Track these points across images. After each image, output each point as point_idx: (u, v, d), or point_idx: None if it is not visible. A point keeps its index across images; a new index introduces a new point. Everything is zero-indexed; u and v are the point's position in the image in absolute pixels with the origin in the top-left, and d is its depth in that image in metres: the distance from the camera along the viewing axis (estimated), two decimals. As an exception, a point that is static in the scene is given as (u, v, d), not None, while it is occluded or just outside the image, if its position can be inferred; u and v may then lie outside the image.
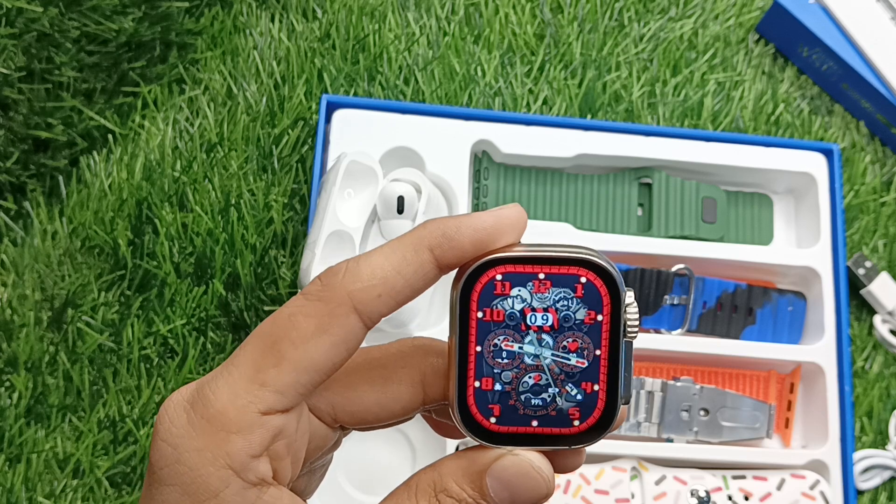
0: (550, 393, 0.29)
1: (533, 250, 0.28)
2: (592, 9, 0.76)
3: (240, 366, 0.27)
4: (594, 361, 0.29)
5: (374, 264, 0.28)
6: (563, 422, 0.29)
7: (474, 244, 0.28)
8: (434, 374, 0.30)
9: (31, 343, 0.64)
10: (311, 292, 0.28)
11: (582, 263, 0.28)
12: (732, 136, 0.70)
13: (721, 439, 0.64)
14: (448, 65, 0.72)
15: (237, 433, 0.27)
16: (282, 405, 0.27)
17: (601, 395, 0.29)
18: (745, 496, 0.62)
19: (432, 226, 0.28)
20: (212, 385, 0.27)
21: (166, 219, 0.67)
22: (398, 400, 0.30)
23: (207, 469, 0.27)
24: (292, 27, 0.73)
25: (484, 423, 0.29)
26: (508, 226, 0.28)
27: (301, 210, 0.68)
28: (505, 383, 0.29)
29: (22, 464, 0.62)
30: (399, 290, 0.28)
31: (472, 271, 0.28)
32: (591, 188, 0.68)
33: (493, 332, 0.28)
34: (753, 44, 0.78)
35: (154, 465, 0.28)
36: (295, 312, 0.27)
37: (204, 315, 0.65)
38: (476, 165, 0.67)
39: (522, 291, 0.28)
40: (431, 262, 0.28)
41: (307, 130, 0.69)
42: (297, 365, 0.27)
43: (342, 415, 0.30)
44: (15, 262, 0.67)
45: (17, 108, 0.66)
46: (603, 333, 0.28)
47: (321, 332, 0.27)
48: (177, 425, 0.27)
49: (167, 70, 0.72)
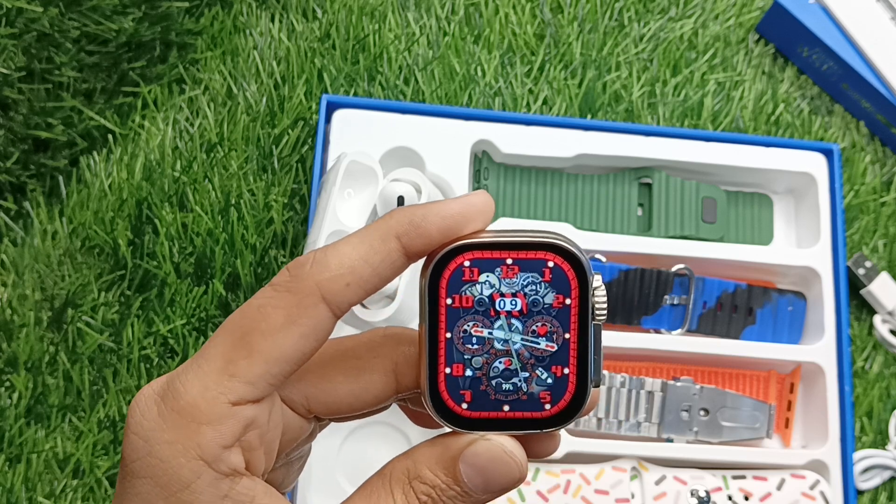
0: (521, 377, 0.29)
1: (500, 236, 0.28)
2: (592, 9, 0.76)
3: (210, 358, 0.28)
4: (563, 345, 0.29)
5: (342, 253, 0.28)
6: (534, 406, 0.29)
7: (441, 231, 0.28)
8: (406, 362, 0.31)
9: (31, 343, 0.64)
10: (280, 283, 0.28)
11: (549, 248, 0.28)
12: (732, 136, 0.70)
13: (721, 439, 0.64)
14: (448, 65, 0.72)
15: (208, 424, 0.27)
16: (252, 396, 0.27)
17: (571, 378, 0.29)
18: (745, 496, 0.62)
19: (399, 214, 0.28)
20: (182, 377, 0.28)
21: (166, 219, 0.67)
22: (371, 390, 0.31)
23: (179, 461, 0.27)
24: (292, 27, 0.73)
25: (456, 409, 0.29)
26: (475, 212, 0.28)
27: (301, 210, 0.68)
28: (475, 369, 0.29)
29: (22, 464, 0.62)
30: (367, 278, 0.28)
31: (440, 258, 0.28)
32: (591, 188, 0.68)
33: (463, 318, 0.29)
34: (753, 44, 0.78)
35: (126, 458, 0.28)
36: (264, 304, 0.28)
37: (204, 315, 0.65)
38: (476, 165, 0.67)
39: (491, 277, 0.28)
40: (399, 251, 0.28)
41: (307, 130, 0.69)
42: (268, 356, 0.27)
43: (316, 405, 0.30)
44: (15, 262, 0.67)
45: (17, 108, 0.66)
46: (572, 317, 0.29)
47: (290, 322, 0.27)
48: (147, 418, 0.27)
49: (167, 70, 0.72)
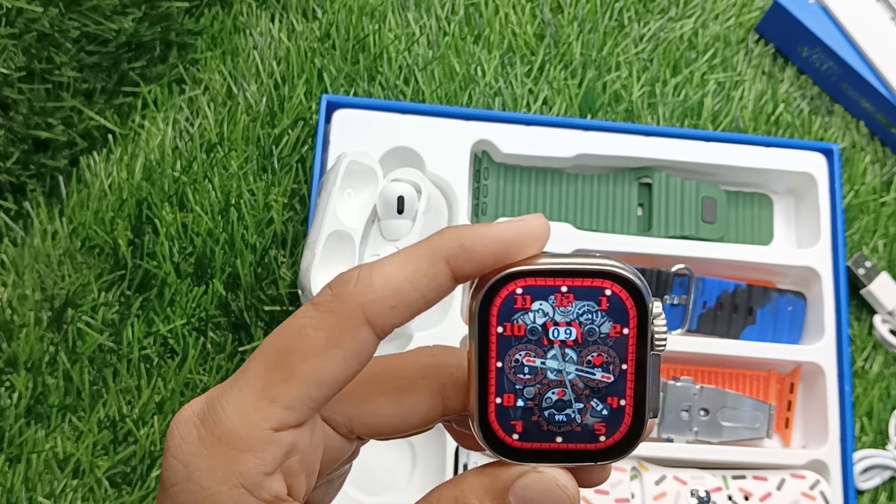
0: (575, 409, 0.28)
1: (555, 263, 0.27)
2: (592, 9, 0.76)
3: (249, 381, 0.27)
4: (620, 376, 0.28)
5: (388, 274, 0.26)
6: (588, 437, 0.28)
7: (493, 256, 0.27)
8: (454, 385, 0.30)
9: (31, 343, 0.64)
10: (321, 303, 0.27)
11: (606, 275, 0.27)
12: (732, 136, 0.70)
13: (721, 439, 0.64)
14: (448, 65, 0.72)
15: (248, 451, 0.26)
16: (293, 421, 0.27)
17: (628, 409, 0.28)
18: (745, 496, 0.62)
19: (449, 235, 0.27)
20: (221, 401, 0.27)
21: (166, 219, 0.67)
22: (416, 412, 0.30)
23: (219, 488, 0.26)
24: (292, 27, 0.73)
25: (506, 440, 0.28)
26: (530, 237, 0.27)
27: (301, 210, 0.68)
28: (527, 399, 0.28)
29: (22, 464, 0.62)
30: (412, 301, 0.27)
31: (492, 285, 0.27)
32: (591, 188, 0.68)
33: (514, 346, 0.27)
34: (753, 44, 0.78)
35: (165, 481, 0.27)
36: (304, 324, 0.27)
37: (204, 315, 0.65)
38: (476, 165, 0.67)
39: (544, 305, 0.27)
40: (447, 274, 0.27)
41: (307, 130, 0.69)
42: (308, 379, 0.26)
43: (359, 426, 0.30)
44: (15, 262, 0.67)
45: (17, 108, 0.66)
46: (629, 347, 0.27)
47: (332, 345, 0.26)
48: (187, 442, 0.27)
49: (167, 70, 0.72)
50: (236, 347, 0.65)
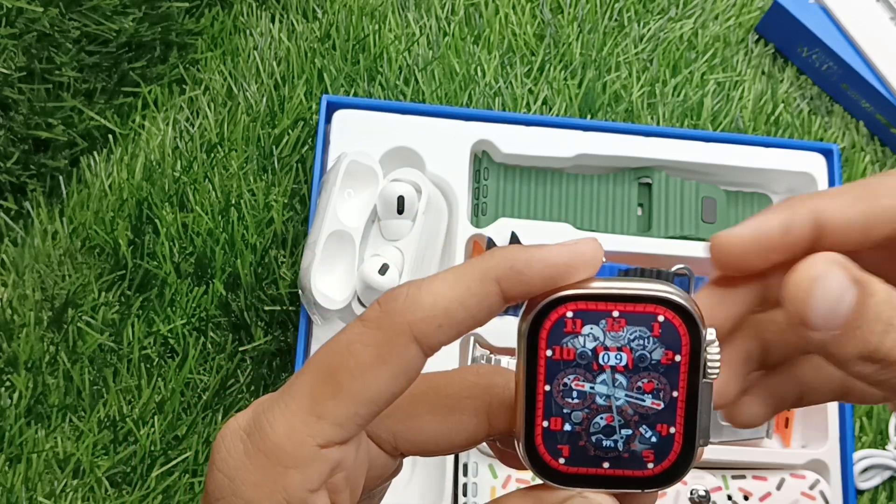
0: (623, 435, 0.28)
1: (607, 287, 0.27)
2: (592, 9, 0.76)
3: (296, 396, 0.27)
4: (671, 403, 0.27)
5: (437, 293, 0.26)
6: (635, 464, 0.28)
7: (545, 280, 0.27)
8: (500, 405, 0.29)
9: (31, 343, 0.64)
10: (370, 319, 0.27)
11: (659, 301, 0.27)
12: (732, 136, 0.70)
13: (721, 439, 0.64)
14: (448, 65, 0.72)
15: (295, 468, 0.26)
16: (340, 438, 0.27)
17: (677, 437, 0.28)
18: (744, 496, 0.62)
19: (501, 256, 0.27)
20: (268, 416, 0.27)
21: (166, 219, 0.67)
22: (462, 431, 0.30)
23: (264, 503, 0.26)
24: (292, 27, 0.73)
25: (552, 464, 0.28)
26: (583, 262, 0.27)
27: (301, 210, 0.68)
28: (575, 424, 0.28)
29: (22, 464, 0.62)
30: (461, 321, 0.27)
31: (542, 308, 0.27)
32: (591, 188, 0.68)
33: (563, 370, 0.27)
34: (753, 44, 0.78)
35: (210, 494, 0.27)
36: (353, 340, 0.26)
37: (204, 315, 0.65)
38: (476, 165, 0.67)
39: (595, 329, 0.27)
40: (497, 295, 0.27)
41: (307, 130, 0.70)
42: (356, 396, 0.26)
43: (403, 443, 0.30)
44: (15, 262, 0.67)
45: (18, 108, 0.66)
46: (681, 374, 0.27)
47: (380, 362, 0.26)
48: (233, 456, 0.27)
49: (167, 70, 0.72)
50: (236, 347, 0.65)
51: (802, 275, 0.27)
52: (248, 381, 0.65)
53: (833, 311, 0.26)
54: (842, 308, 0.26)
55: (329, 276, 0.59)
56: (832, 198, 0.29)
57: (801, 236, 0.29)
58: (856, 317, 0.26)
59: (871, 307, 0.26)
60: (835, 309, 0.26)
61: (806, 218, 0.29)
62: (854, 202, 0.29)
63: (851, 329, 0.26)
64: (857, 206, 0.29)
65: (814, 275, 0.27)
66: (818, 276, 0.26)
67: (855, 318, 0.26)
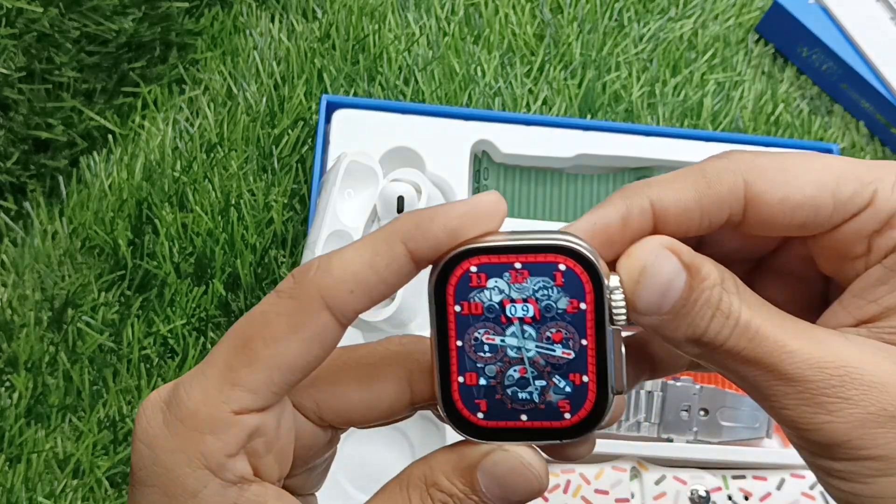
0: (537, 386, 0.28)
1: (507, 239, 0.27)
2: (592, 9, 0.76)
3: (213, 365, 0.27)
4: (581, 352, 0.27)
5: (346, 259, 0.27)
6: (553, 415, 0.28)
7: (448, 234, 0.27)
8: (420, 371, 0.30)
9: (31, 343, 0.64)
10: (283, 290, 0.27)
11: (558, 250, 0.27)
12: (732, 136, 0.70)
13: (721, 439, 0.64)
14: (448, 65, 0.72)
15: (210, 433, 0.27)
16: (256, 404, 0.27)
17: (591, 386, 0.28)
18: (744, 496, 0.62)
19: (405, 218, 0.27)
20: (186, 385, 0.27)
21: (166, 219, 0.67)
22: (384, 398, 0.30)
23: (184, 470, 0.27)
24: (292, 27, 0.73)
25: (471, 419, 0.28)
26: (484, 213, 0.27)
27: (301, 210, 0.68)
28: (489, 377, 0.28)
29: (22, 464, 0.62)
30: (372, 285, 0.27)
31: (445, 263, 0.27)
32: (591, 188, 0.68)
33: (473, 325, 0.27)
34: (753, 44, 0.78)
35: (134, 465, 0.28)
36: (267, 310, 0.27)
37: (204, 315, 0.65)
38: (476, 165, 0.67)
39: (499, 282, 0.27)
40: (405, 255, 0.27)
41: (307, 130, 0.70)
42: (270, 363, 0.27)
43: (327, 413, 0.30)
44: (15, 263, 0.67)
45: (18, 109, 0.66)
46: (587, 322, 0.27)
47: (293, 330, 0.27)
48: (153, 426, 0.27)
49: (167, 70, 0.72)
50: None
51: (633, 262, 0.27)
52: (247, 382, 0.65)
53: (662, 298, 0.26)
54: (671, 294, 0.26)
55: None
56: (668, 185, 0.29)
57: (640, 227, 0.28)
58: (684, 303, 0.27)
59: (701, 292, 0.27)
60: (664, 295, 0.26)
61: (643, 208, 0.29)
62: (688, 190, 0.28)
63: (680, 314, 0.27)
64: (691, 193, 0.28)
65: (643, 261, 0.27)
66: (647, 262, 0.27)
67: (683, 303, 0.27)
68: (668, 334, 0.27)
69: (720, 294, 0.27)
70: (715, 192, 0.28)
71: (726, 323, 0.27)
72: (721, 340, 0.27)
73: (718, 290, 0.27)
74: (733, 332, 0.27)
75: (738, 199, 0.28)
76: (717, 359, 0.27)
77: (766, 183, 0.28)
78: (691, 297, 0.27)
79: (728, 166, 0.28)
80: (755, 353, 0.27)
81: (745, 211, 0.28)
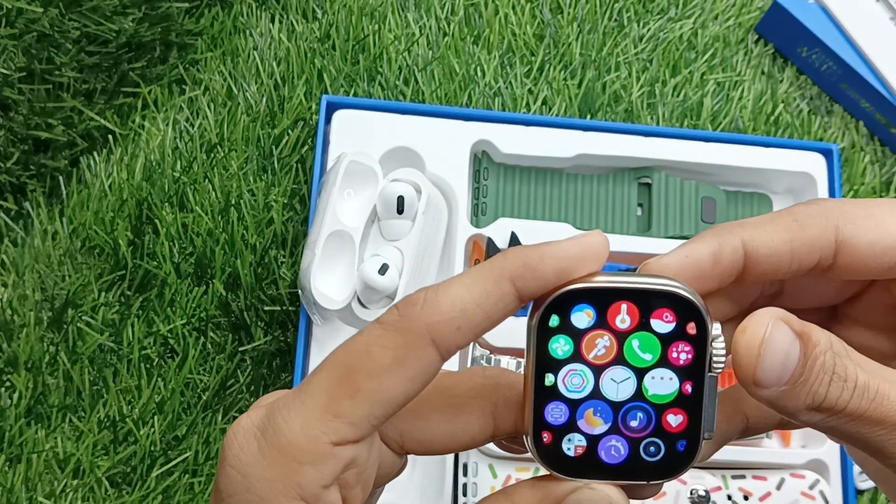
0: None
1: (615, 282, 0.27)
2: (592, 9, 0.76)
3: (313, 395, 0.27)
4: (678, 397, 0.28)
5: (454, 296, 0.27)
6: None
7: (557, 274, 0.27)
8: (506, 406, 0.30)
9: (31, 343, 0.64)
10: (389, 322, 0.27)
11: (668, 296, 0.27)
12: (732, 136, 0.70)
13: (721, 439, 0.64)
14: (448, 65, 0.72)
15: (309, 464, 0.27)
16: (354, 437, 0.27)
17: (684, 429, 0.28)
18: (744, 496, 0.62)
19: (513, 256, 0.27)
20: (284, 413, 0.27)
21: (166, 219, 0.67)
22: (468, 431, 0.30)
23: (279, 499, 0.27)
24: (292, 28, 0.73)
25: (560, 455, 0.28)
26: (592, 255, 0.28)
27: (301, 210, 0.68)
28: None
29: (22, 464, 0.62)
30: (478, 322, 0.27)
31: (552, 302, 0.27)
32: (591, 188, 0.68)
33: (571, 364, 0.28)
34: (753, 44, 0.78)
35: (222, 491, 0.27)
36: (371, 342, 0.27)
37: (204, 315, 0.65)
38: (476, 165, 0.67)
39: (604, 324, 0.27)
40: (513, 294, 0.27)
41: (307, 131, 0.70)
42: (373, 397, 0.27)
43: (410, 443, 0.30)
44: (15, 263, 0.67)
45: (18, 109, 0.66)
46: (688, 369, 0.28)
47: (398, 364, 0.27)
48: (246, 453, 0.27)
49: (167, 70, 0.72)
50: (236, 348, 0.65)
51: (750, 339, 0.27)
52: (247, 382, 0.65)
53: (782, 370, 0.27)
54: (789, 365, 0.27)
55: (329, 276, 0.59)
56: (760, 227, 0.30)
57: (731, 265, 0.29)
58: (801, 370, 0.27)
59: (815, 359, 0.27)
60: (784, 367, 0.27)
61: (734, 246, 0.29)
62: (780, 232, 0.29)
63: (798, 383, 0.27)
64: (783, 235, 0.29)
65: (761, 336, 0.27)
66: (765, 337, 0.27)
67: (801, 371, 0.27)
68: (786, 404, 0.27)
69: (832, 358, 0.27)
70: (807, 236, 0.29)
71: (845, 386, 0.27)
72: (842, 405, 0.27)
73: (831, 355, 0.27)
74: (853, 394, 0.27)
75: (828, 242, 0.29)
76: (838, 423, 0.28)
77: (856, 227, 0.29)
78: (807, 365, 0.27)
79: (818, 211, 0.29)
80: (878, 414, 0.27)
81: (836, 254, 0.29)
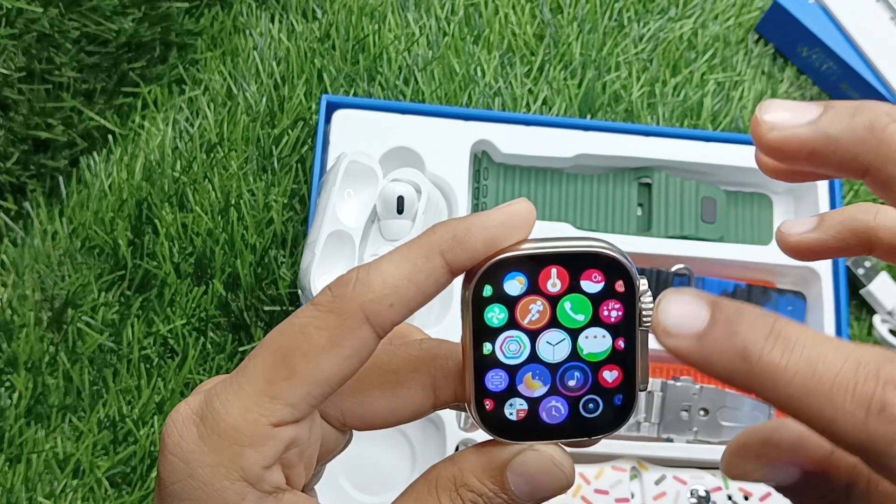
0: None
1: (542, 247, 0.28)
2: (592, 9, 0.76)
3: (250, 378, 0.27)
4: (611, 352, 0.29)
5: (385, 273, 0.27)
6: None
7: (485, 244, 0.28)
8: (444, 377, 0.30)
9: (31, 343, 0.64)
10: (322, 303, 0.27)
11: (594, 257, 0.28)
12: (732, 136, 0.70)
13: (721, 439, 0.64)
14: (448, 65, 0.72)
15: (250, 446, 0.27)
16: (293, 417, 0.27)
17: (619, 384, 0.29)
18: (744, 496, 0.62)
19: (441, 229, 0.28)
20: (222, 398, 0.27)
21: (166, 219, 0.67)
22: (409, 404, 0.30)
23: (222, 483, 0.27)
24: (292, 27, 0.73)
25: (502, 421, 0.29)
26: (519, 222, 0.28)
27: (301, 210, 0.68)
28: None
29: (22, 464, 0.62)
30: (411, 297, 0.27)
31: (483, 272, 0.28)
32: (591, 188, 0.68)
33: (507, 331, 0.28)
34: (753, 44, 0.78)
35: (165, 479, 0.28)
36: (306, 324, 0.27)
37: (204, 315, 0.65)
38: (476, 165, 0.67)
39: (535, 289, 0.28)
40: (443, 267, 0.28)
41: (307, 131, 0.70)
42: (309, 378, 0.27)
43: (352, 419, 0.30)
44: (15, 263, 0.67)
45: (18, 109, 0.66)
46: (620, 325, 0.28)
47: (333, 344, 0.27)
48: (187, 440, 0.27)
49: (167, 70, 0.72)
50: (236, 347, 0.65)
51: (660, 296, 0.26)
52: (247, 382, 0.65)
53: (691, 317, 0.25)
54: (696, 313, 0.25)
55: (329, 276, 0.59)
56: None
57: None
58: (712, 321, 0.24)
59: (727, 308, 0.25)
60: (690, 315, 0.25)
61: None
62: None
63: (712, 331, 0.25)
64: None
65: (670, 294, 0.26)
66: (672, 293, 0.25)
67: (711, 322, 0.24)
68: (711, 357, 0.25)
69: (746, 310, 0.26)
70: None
71: None
72: None
73: None
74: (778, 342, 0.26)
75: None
76: None
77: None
78: (717, 317, 0.25)
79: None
80: None
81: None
